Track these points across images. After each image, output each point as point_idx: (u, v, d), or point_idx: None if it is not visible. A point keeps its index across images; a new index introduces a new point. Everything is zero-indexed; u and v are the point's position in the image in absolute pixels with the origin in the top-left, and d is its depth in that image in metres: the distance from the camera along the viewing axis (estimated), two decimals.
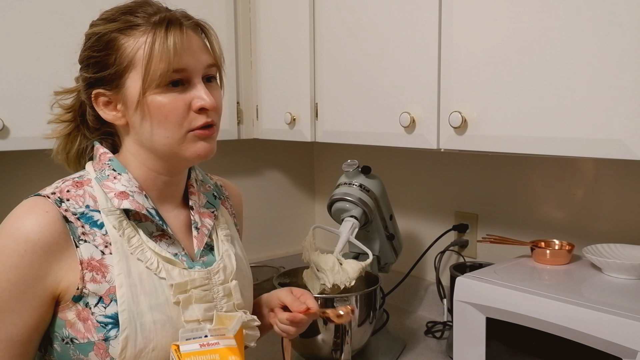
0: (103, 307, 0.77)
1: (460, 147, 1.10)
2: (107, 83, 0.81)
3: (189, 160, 0.84)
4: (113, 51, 0.79)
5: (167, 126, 0.79)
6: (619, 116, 0.86)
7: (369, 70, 1.28)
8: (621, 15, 0.85)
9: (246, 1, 1.62)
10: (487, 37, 1.03)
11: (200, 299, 0.84)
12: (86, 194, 0.81)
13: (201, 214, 0.91)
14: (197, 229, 0.89)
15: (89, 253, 0.78)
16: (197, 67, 0.81)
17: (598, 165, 1.28)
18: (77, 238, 0.77)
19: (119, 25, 0.79)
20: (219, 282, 0.87)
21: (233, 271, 0.90)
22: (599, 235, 1.27)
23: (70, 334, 0.78)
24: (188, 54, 0.79)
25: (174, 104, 0.79)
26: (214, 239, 0.92)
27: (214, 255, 0.90)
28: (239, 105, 1.63)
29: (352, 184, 1.36)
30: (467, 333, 1.06)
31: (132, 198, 0.81)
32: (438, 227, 1.64)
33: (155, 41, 0.77)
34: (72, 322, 0.78)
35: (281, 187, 2.04)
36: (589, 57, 0.90)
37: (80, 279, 0.77)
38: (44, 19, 1.29)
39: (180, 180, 0.90)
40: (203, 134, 0.81)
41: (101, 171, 0.83)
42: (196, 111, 0.80)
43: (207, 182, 0.98)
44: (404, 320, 1.63)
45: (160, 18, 0.79)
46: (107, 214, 0.80)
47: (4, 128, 1.24)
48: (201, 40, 0.84)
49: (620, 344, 0.83)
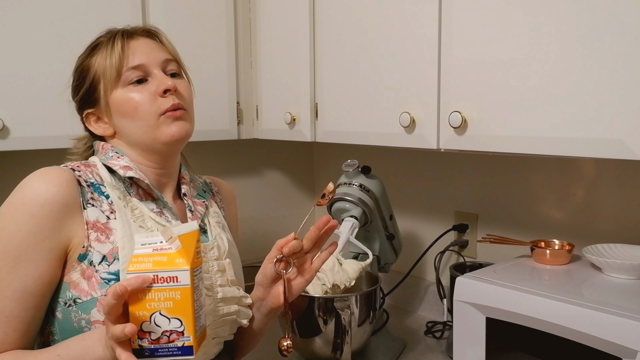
0: (107, 265, 0.82)
1: (460, 147, 1.10)
2: (88, 100, 0.92)
3: (166, 143, 0.90)
4: (86, 72, 0.92)
5: (139, 115, 0.89)
6: (619, 116, 0.86)
7: (369, 70, 1.28)
8: (621, 15, 0.85)
9: (246, 1, 1.63)
10: (487, 37, 1.03)
11: None
12: (94, 172, 0.89)
13: (193, 202, 0.98)
14: (191, 211, 0.96)
15: (95, 216, 0.84)
16: (152, 62, 0.91)
17: (598, 165, 1.28)
18: (85, 201, 0.84)
19: (87, 51, 0.94)
20: (213, 258, 0.93)
21: (226, 251, 0.96)
22: (599, 235, 1.27)
23: (73, 295, 0.82)
24: (141, 52, 0.91)
25: (139, 95, 0.89)
26: (206, 223, 0.98)
27: (207, 237, 0.97)
28: (239, 105, 1.63)
29: (352, 184, 1.36)
30: (467, 333, 1.06)
31: (135, 171, 0.90)
32: (438, 227, 1.64)
33: (107, 49, 0.90)
34: (76, 282, 0.82)
35: (281, 187, 2.04)
36: (589, 57, 0.89)
37: (86, 238, 0.83)
38: (44, 19, 1.29)
39: (172, 173, 0.97)
40: (173, 114, 0.89)
41: (105, 154, 0.92)
42: (161, 95, 0.89)
43: (196, 181, 1.06)
44: (404, 320, 1.63)
45: (112, 33, 0.93)
46: (112, 188, 0.88)
47: (4, 128, 1.24)
48: (153, 43, 0.94)
49: (620, 344, 0.83)
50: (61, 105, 1.31)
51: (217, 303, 0.90)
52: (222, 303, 0.91)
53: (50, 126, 1.30)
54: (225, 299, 0.92)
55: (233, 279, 0.94)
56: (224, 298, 0.92)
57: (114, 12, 1.37)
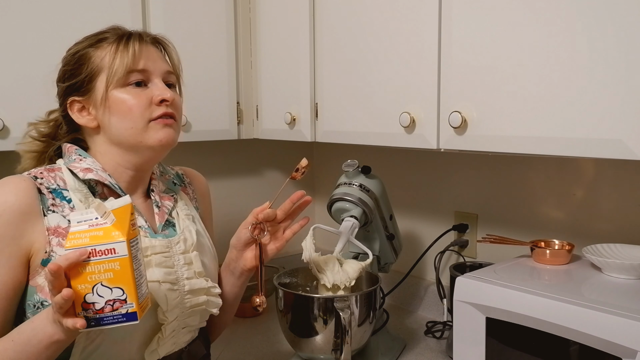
0: None
1: (460, 147, 1.10)
2: (79, 89, 0.93)
3: (152, 148, 0.93)
4: (85, 61, 0.92)
5: (131, 117, 0.91)
6: (619, 116, 0.86)
7: (369, 70, 1.28)
8: (621, 15, 0.85)
9: (246, 1, 1.63)
10: (487, 37, 1.03)
11: (160, 263, 0.92)
12: (57, 177, 0.91)
13: (161, 197, 1.01)
14: (158, 207, 0.99)
15: (55, 222, 0.87)
16: (156, 70, 0.94)
17: (598, 165, 1.28)
18: (46, 208, 0.87)
19: (91, 41, 0.94)
20: (179, 252, 0.96)
21: (194, 243, 0.99)
22: (599, 235, 1.27)
23: (40, 297, 0.85)
24: (147, 59, 0.93)
25: (136, 98, 0.91)
26: (174, 217, 1.02)
27: (175, 230, 1.00)
28: (239, 105, 1.63)
29: (352, 184, 1.36)
30: (467, 333, 1.06)
31: (95, 172, 0.92)
32: (438, 227, 1.64)
33: (118, 47, 0.91)
34: (42, 286, 0.85)
35: (281, 187, 2.04)
36: (589, 57, 0.90)
37: (48, 244, 0.85)
38: (44, 18, 1.29)
39: (145, 176, 1.00)
40: (163, 121, 0.92)
41: (68, 157, 0.94)
42: (157, 104, 0.92)
43: (168, 173, 1.09)
44: (404, 320, 1.63)
45: (123, 32, 0.94)
46: (75, 191, 0.90)
47: (4, 128, 1.24)
48: (159, 52, 0.97)
49: (620, 344, 0.83)
50: None
51: (184, 296, 0.94)
52: (189, 295, 0.95)
53: None
54: (193, 290, 0.95)
55: (200, 271, 0.97)
56: (192, 290, 0.95)
57: (114, 12, 1.37)
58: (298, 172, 1.06)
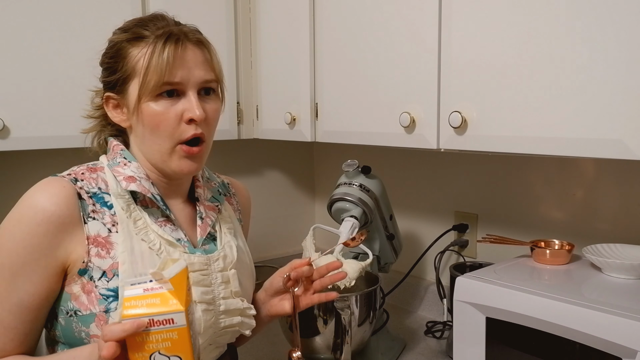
0: (106, 281, 0.82)
1: (460, 147, 1.10)
2: (115, 87, 0.87)
3: (174, 172, 0.88)
4: (120, 59, 0.86)
5: (159, 134, 0.85)
6: (619, 116, 0.86)
7: (369, 70, 1.28)
8: (621, 15, 0.85)
9: (246, 1, 1.62)
10: (487, 37, 1.03)
11: (198, 282, 0.87)
12: (99, 178, 0.87)
13: (206, 206, 0.96)
14: (201, 218, 0.94)
15: (96, 230, 0.83)
16: (191, 80, 0.85)
17: (598, 165, 1.29)
18: (86, 215, 0.83)
19: (129, 35, 0.85)
20: (217, 269, 0.91)
21: (233, 261, 0.93)
22: (599, 235, 1.27)
23: (74, 306, 0.82)
24: (182, 68, 0.84)
25: (165, 114, 0.84)
26: (217, 230, 0.96)
27: (216, 245, 0.95)
28: (239, 105, 1.63)
29: (352, 184, 1.36)
30: (467, 333, 1.06)
31: (139, 182, 0.86)
32: (438, 227, 1.64)
33: (154, 53, 0.82)
34: (77, 294, 0.82)
35: (281, 187, 2.04)
36: (589, 57, 0.90)
37: (86, 253, 0.82)
38: (44, 18, 1.29)
39: (184, 183, 0.95)
40: (190, 151, 0.86)
41: (113, 159, 0.89)
42: (186, 122, 0.84)
43: (213, 180, 1.03)
44: (404, 320, 1.63)
45: (163, 32, 0.84)
46: (117, 197, 0.86)
47: (4, 128, 1.24)
48: (201, 55, 0.87)
49: (620, 344, 0.83)
50: (61, 105, 1.32)
51: (219, 316, 0.90)
52: (224, 315, 0.90)
53: (50, 126, 1.30)
54: (228, 310, 0.91)
55: (237, 290, 0.92)
56: (227, 310, 0.91)
57: (114, 12, 1.37)
58: (354, 240, 1.03)
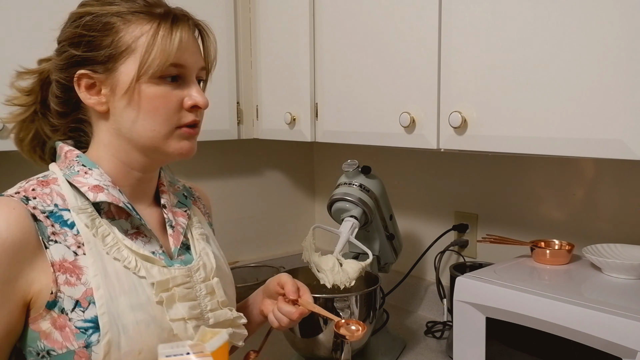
0: (81, 312, 0.73)
1: (460, 147, 1.10)
2: (96, 64, 0.77)
3: (170, 156, 0.82)
4: (111, 34, 0.76)
5: (156, 119, 0.78)
6: (619, 116, 0.86)
7: (369, 70, 1.28)
8: (621, 15, 0.85)
9: (246, 1, 1.62)
10: (487, 37, 1.03)
11: (184, 297, 0.81)
12: (53, 192, 0.77)
13: (174, 212, 0.89)
14: (171, 227, 0.86)
15: (60, 254, 0.73)
16: (194, 66, 0.81)
17: (598, 165, 1.28)
18: (46, 238, 0.73)
19: (119, 9, 0.77)
20: (200, 280, 0.84)
21: (213, 269, 0.87)
22: (599, 235, 1.27)
23: (46, 346, 0.73)
24: (189, 52, 0.80)
25: (166, 98, 0.78)
26: (189, 237, 0.89)
27: (190, 254, 0.87)
28: (239, 105, 1.63)
29: (352, 184, 1.36)
30: (467, 333, 1.06)
31: (107, 191, 0.78)
32: (438, 227, 1.64)
33: (160, 32, 0.76)
34: (47, 332, 0.73)
35: (281, 187, 2.04)
36: (589, 57, 0.89)
37: (54, 282, 0.72)
38: (44, 18, 1.28)
39: (153, 178, 0.88)
40: (189, 132, 0.81)
41: (69, 168, 0.79)
42: (188, 109, 0.80)
43: (176, 183, 0.96)
44: (404, 320, 1.63)
45: (165, 11, 0.79)
46: (78, 212, 0.76)
47: (4, 128, 1.24)
48: (196, 41, 0.84)
49: (620, 344, 0.83)
50: None
51: None
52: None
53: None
54: (218, 323, 0.85)
55: (224, 300, 0.86)
56: (216, 323, 0.84)
57: None
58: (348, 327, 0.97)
